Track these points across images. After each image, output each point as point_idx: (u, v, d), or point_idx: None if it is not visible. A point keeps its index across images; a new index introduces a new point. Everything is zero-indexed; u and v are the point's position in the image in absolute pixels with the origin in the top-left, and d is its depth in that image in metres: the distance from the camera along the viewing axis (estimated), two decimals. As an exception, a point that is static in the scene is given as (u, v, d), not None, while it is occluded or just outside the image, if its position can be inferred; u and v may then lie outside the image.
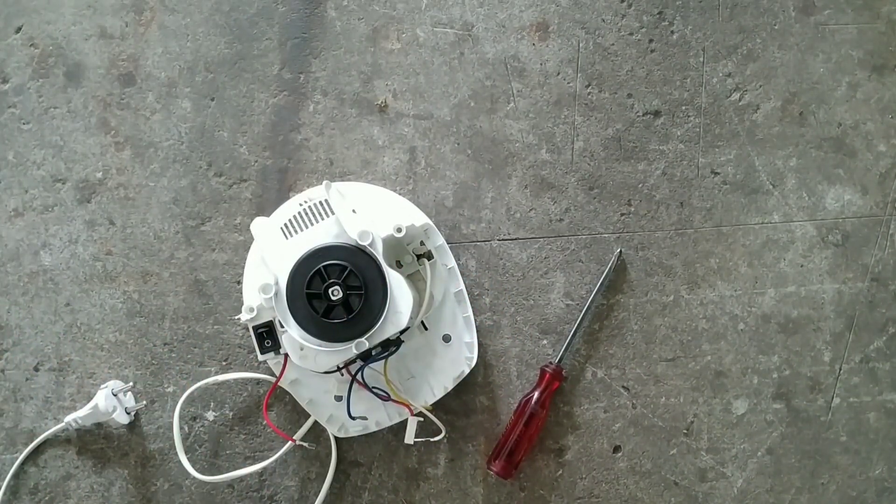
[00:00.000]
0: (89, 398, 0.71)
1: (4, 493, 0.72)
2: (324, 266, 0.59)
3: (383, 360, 0.64)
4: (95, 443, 0.73)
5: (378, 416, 0.68)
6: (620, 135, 0.73)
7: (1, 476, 0.72)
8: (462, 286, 0.69)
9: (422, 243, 0.66)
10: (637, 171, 0.72)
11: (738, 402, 0.71)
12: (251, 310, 0.60)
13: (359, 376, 0.64)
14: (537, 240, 0.72)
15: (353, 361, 0.63)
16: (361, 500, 0.71)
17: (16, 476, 0.72)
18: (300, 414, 0.71)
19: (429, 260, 0.65)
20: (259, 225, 0.63)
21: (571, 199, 0.72)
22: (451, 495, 0.71)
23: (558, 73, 0.73)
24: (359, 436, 0.70)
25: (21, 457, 0.72)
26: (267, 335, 0.61)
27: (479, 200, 0.73)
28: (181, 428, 0.71)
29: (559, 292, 0.72)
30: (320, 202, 0.62)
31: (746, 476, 0.71)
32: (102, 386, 0.71)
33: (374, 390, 0.65)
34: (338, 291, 0.59)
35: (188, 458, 0.69)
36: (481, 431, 0.71)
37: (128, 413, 0.71)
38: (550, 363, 0.70)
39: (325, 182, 0.63)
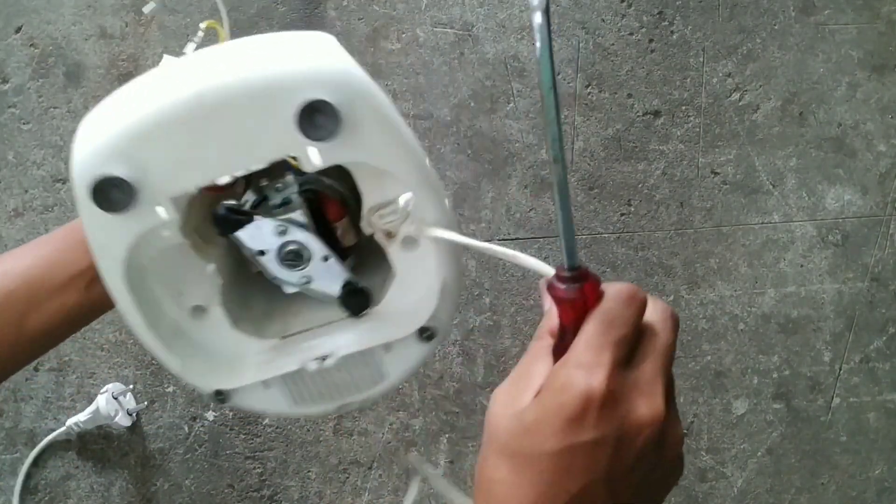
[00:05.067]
0: (89, 398, 0.71)
1: (5, 494, 0.72)
2: None
3: None
4: (95, 443, 0.73)
5: None
6: (620, 135, 0.73)
7: (1, 476, 0.72)
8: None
9: None
10: (637, 171, 0.72)
11: (738, 402, 0.71)
12: None
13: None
14: (537, 240, 0.72)
15: None
16: (361, 500, 0.71)
17: (15, 476, 0.72)
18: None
19: None
20: None
21: (571, 199, 0.72)
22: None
23: (558, 73, 0.73)
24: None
25: (27, 461, 0.71)
26: None
27: (479, 200, 0.73)
28: (181, 428, 0.71)
29: (559, 292, 0.72)
30: None
31: (746, 476, 0.71)
32: (102, 390, 0.70)
33: None
34: None
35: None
36: (481, 432, 0.71)
37: (129, 415, 0.71)
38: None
39: None
